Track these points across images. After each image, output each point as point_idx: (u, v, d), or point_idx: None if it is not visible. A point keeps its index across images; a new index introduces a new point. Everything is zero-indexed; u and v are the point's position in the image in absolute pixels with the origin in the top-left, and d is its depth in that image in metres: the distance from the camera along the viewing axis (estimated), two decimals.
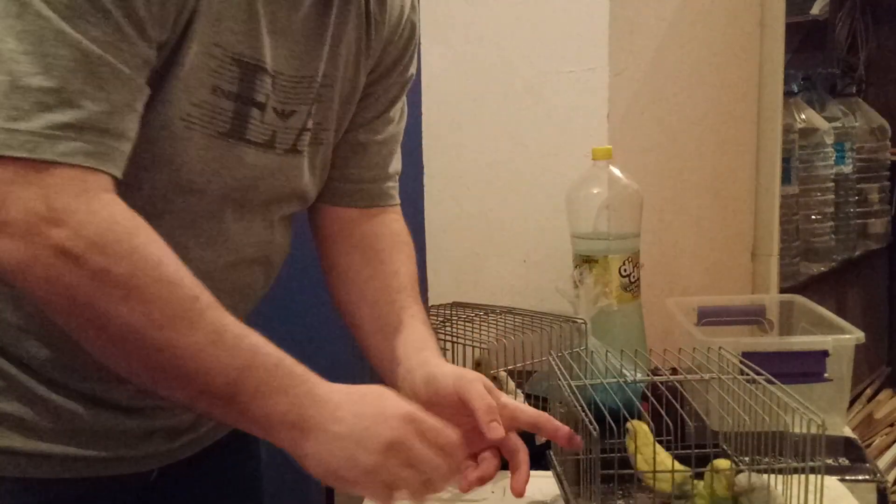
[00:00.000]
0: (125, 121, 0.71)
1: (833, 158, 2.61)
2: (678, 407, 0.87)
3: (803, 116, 2.51)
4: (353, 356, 1.07)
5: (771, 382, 0.85)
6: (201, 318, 0.72)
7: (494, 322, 1.31)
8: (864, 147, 2.88)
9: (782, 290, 1.92)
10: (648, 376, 1.02)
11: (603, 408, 0.86)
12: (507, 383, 1.18)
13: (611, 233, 1.35)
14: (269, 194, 0.89)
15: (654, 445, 0.85)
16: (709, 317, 1.37)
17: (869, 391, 3.03)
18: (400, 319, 1.00)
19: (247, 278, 0.91)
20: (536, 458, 0.94)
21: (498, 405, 0.88)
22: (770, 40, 1.76)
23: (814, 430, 0.76)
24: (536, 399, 1.21)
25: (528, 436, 0.94)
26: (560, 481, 0.95)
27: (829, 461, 1.07)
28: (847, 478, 1.02)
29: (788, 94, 2.33)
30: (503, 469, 0.91)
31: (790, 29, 1.83)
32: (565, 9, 1.50)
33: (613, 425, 0.83)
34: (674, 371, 0.98)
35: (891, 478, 2.56)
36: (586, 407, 0.84)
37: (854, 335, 1.15)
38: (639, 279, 1.37)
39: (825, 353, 1.14)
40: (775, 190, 1.80)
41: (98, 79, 0.69)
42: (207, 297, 0.74)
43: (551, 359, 0.95)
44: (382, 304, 1.02)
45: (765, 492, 0.81)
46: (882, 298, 3.27)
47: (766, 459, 0.84)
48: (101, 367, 0.77)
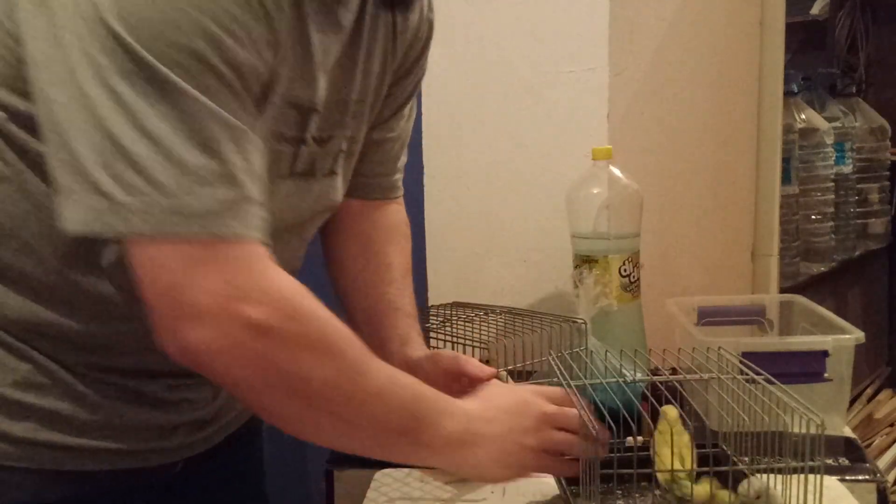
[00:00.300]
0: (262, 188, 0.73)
1: (833, 158, 2.61)
2: (678, 407, 0.87)
3: (803, 116, 2.51)
4: None
5: (770, 382, 0.85)
6: (374, 361, 0.78)
7: (494, 322, 1.31)
8: (864, 147, 2.88)
9: (782, 290, 1.92)
10: (648, 376, 1.02)
11: (602, 408, 0.86)
12: (506, 383, 1.18)
13: (611, 233, 1.35)
14: (307, 217, 0.92)
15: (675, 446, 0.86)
16: (709, 317, 1.37)
17: (869, 391, 3.03)
18: (385, 313, 1.05)
19: None
20: None
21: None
22: (770, 40, 1.76)
23: (813, 430, 0.76)
24: None
25: None
26: (559, 481, 0.96)
27: (829, 461, 1.07)
28: (847, 478, 1.03)
29: (788, 94, 2.33)
30: None
31: (790, 29, 1.83)
32: (565, 9, 1.50)
33: (612, 425, 0.83)
34: (673, 371, 0.98)
35: (891, 478, 2.56)
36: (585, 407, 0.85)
37: (854, 335, 1.15)
38: (639, 279, 1.37)
39: (825, 353, 1.14)
40: (775, 190, 1.79)
41: (244, 150, 0.70)
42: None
43: (551, 359, 0.95)
44: (372, 296, 1.06)
45: (768, 495, 0.82)
46: (882, 298, 3.27)
47: (766, 459, 0.84)
48: (137, 364, 0.83)
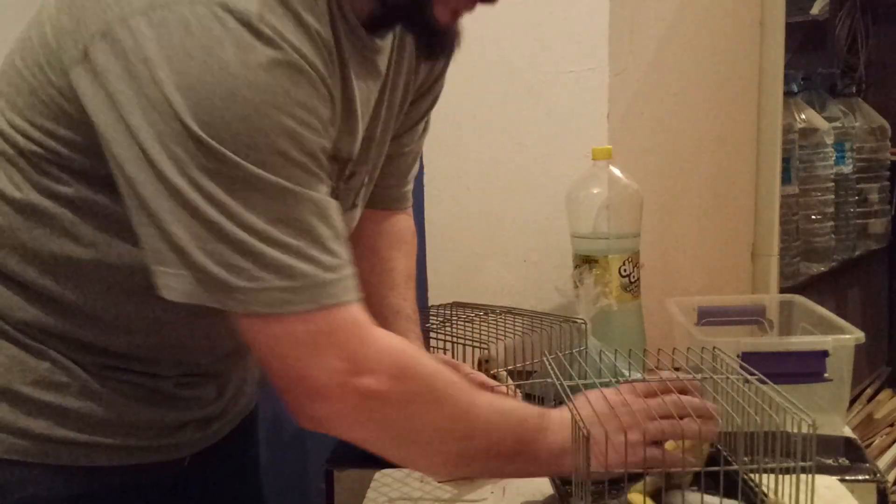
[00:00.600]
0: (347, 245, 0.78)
1: (833, 158, 2.60)
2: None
3: (803, 116, 2.50)
4: None
5: (763, 382, 0.84)
6: (479, 396, 0.84)
7: (494, 322, 1.31)
8: (864, 147, 2.87)
9: (782, 290, 1.92)
10: (642, 376, 1.02)
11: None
12: (506, 383, 1.18)
13: (611, 233, 1.35)
14: None
15: None
16: (709, 317, 1.37)
17: (869, 391, 3.03)
18: (385, 316, 1.08)
19: None
20: None
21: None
22: (770, 40, 1.76)
23: (805, 430, 0.76)
24: (537, 399, 1.20)
25: None
26: (553, 480, 0.96)
27: (829, 461, 1.07)
28: (847, 478, 1.02)
29: (788, 94, 2.33)
30: None
31: (790, 29, 1.82)
32: (565, 9, 1.50)
33: None
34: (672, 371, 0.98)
35: (891, 478, 2.56)
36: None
37: (854, 335, 1.15)
38: (639, 279, 1.37)
39: (825, 353, 1.14)
40: (775, 190, 1.79)
41: (329, 219, 0.74)
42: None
43: (545, 359, 0.95)
44: (374, 300, 1.08)
45: None
46: (882, 298, 3.27)
47: (765, 459, 0.84)
48: (150, 364, 0.87)
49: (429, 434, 0.81)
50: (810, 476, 0.77)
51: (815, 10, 2.93)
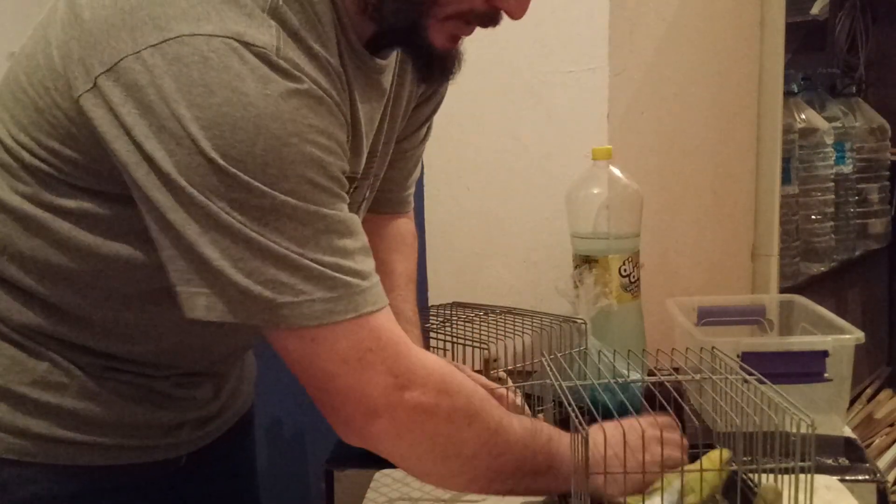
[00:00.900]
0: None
1: (833, 158, 2.60)
2: (669, 409, 0.87)
3: (803, 116, 2.50)
4: None
5: (762, 382, 0.84)
6: (510, 415, 0.86)
7: (494, 322, 1.31)
8: (864, 147, 2.87)
9: (782, 290, 1.92)
10: (641, 377, 1.02)
11: (594, 408, 0.86)
12: (506, 383, 1.18)
13: (611, 233, 1.35)
14: None
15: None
16: (709, 317, 1.37)
17: (869, 391, 3.02)
18: None
19: None
20: None
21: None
22: (770, 40, 1.76)
23: (804, 430, 0.76)
24: (536, 399, 1.20)
25: None
26: None
27: (829, 461, 1.07)
28: (847, 478, 1.02)
29: (788, 94, 2.33)
30: None
31: (790, 29, 1.82)
32: (565, 9, 1.50)
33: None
34: (670, 372, 0.98)
35: (891, 478, 2.56)
36: (577, 408, 0.84)
37: (854, 335, 1.15)
38: (639, 279, 1.37)
39: (825, 354, 1.14)
40: (775, 190, 1.79)
41: (353, 233, 0.76)
42: None
43: (544, 360, 0.95)
44: None
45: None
46: (882, 298, 3.27)
47: (764, 459, 0.84)
48: (148, 366, 0.87)
49: (471, 448, 0.82)
50: (809, 476, 0.77)
51: (815, 10, 2.93)
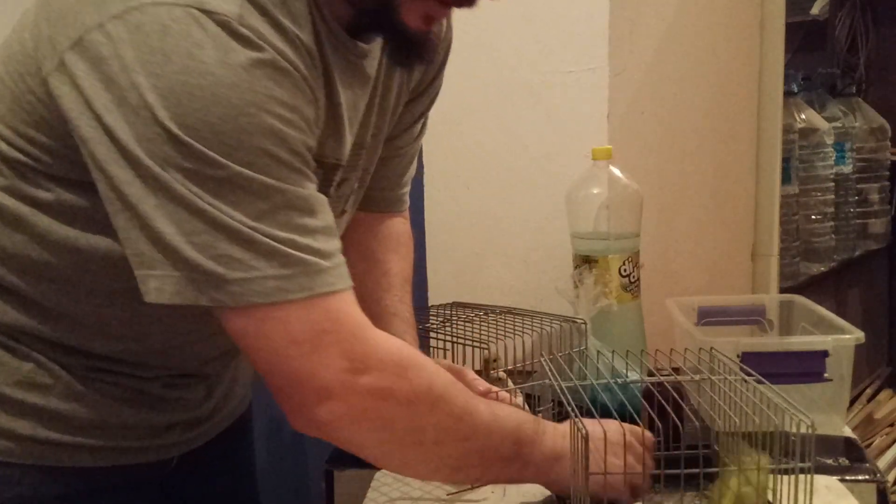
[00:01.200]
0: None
1: (833, 158, 2.60)
2: (668, 409, 0.87)
3: (803, 116, 2.50)
4: None
5: (761, 383, 0.84)
6: (477, 400, 0.83)
7: (494, 322, 1.31)
8: (864, 147, 2.88)
9: (782, 290, 1.92)
10: (640, 377, 1.02)
11: (593, 409, 0.86)
12: (506, 383, 1.18)
13: (611, 233, 1.35)
14: None
15: None
16: (709, 317, 1.37)
17: (869, 391, 3.03)
18: (381, 318, 1.06)
19: None
20: None
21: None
22: (770, 40, 1.76)
23: (803, 431, 0.76)
24: (536, 399, 1.20)
25: None
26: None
27: (829, 461, 1.07)
28: (847, 478, 1.02)
29: (788, 94, 2.33)
30: None
31: (790, 29, 1.82)
32: (565, 9, 1.50)
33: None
34: (670, 372, 0.97)
35: (891, 478, 2.56)
36: (576, 408, 0.84)
37: (854, 335, 1.15)
38: (639, 279, 1.36)
39: (825, 354, 1.14)
40: (775, 190, 1.79)
41: (316, 212, 0.73)
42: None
43: (543, 360, 0.95)
44: (370, 303, 1.07)
45: None
46: (882, 298, 3.27)
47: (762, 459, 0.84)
48: (134, 368, 0.86)
49: (431, 434, 0.79)
50: (809, 476, 0.77)
51: (815, 10, 2.93)
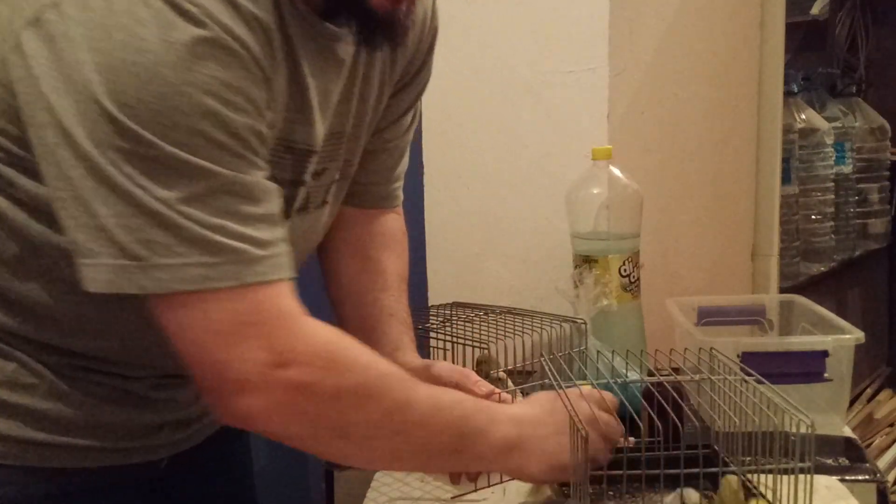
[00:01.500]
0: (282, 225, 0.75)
1: (833, 158, 2.61)
2: (668, 409, 0.87)
3: (803, 116, 2.51)
4: None
5: (760, 383, 0.84)
6: (416, 392, 0.80)
7: (494, 322, 1.31)
8: (864, 147, 2.88)
9: (782, 290, 1.92)
10: (640, 377, 1.02)
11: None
12: (506, 383, 1.18)
13: (611, 233, 1.35)
14: (298, 250, 0.91)
15: None
16: (709, 317, 1.37)
17: (869, 391, 3.03)
18: (378, 318, 1.05)
19: None
20: None
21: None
22: (770, 40, 1.76)
23: (803, 431, 0.76)
24: None
25: None
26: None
27: (829, 461, 1.07)
28: (847, 478, 1.02)
29: (788, 94, 2.33)
30: None
31: (790, 29, 1.83)
32: (565, 9, 1.50)
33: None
34: (670, 372, 0.98)
35: (891, 478, 2.56)
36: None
37: (854, 335, 1.15)
38: (639, 279, 1.36)
39: (825, 353, 1.14)
40: (775, 190, 1.79)
41: (257, 200, 0.71)
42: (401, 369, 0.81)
43: (543, 361, 0.95)
44: (365, 302, 1.05)
45: None
46: (882, 298, 3.27)
47: (762, 459, 0.84)
48: (121, 367, 0.85)
49: (361, 430, 0.77)
50: (809, 476, 0.77)
51: (815, 10, 2.93)
